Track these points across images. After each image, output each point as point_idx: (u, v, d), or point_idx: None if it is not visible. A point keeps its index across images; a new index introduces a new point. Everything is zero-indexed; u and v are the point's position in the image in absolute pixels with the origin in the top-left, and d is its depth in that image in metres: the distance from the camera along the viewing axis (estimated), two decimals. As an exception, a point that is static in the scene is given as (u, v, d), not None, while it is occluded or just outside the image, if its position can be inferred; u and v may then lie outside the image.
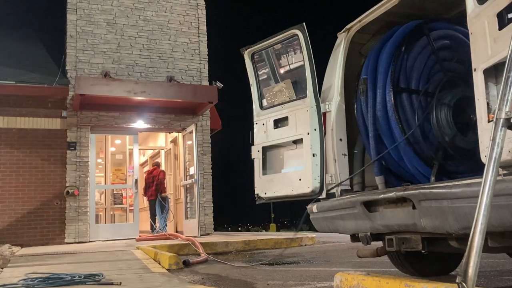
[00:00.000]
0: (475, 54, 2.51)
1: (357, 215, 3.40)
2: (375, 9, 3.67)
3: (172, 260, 5.58)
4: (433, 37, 3.63)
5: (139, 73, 10.87)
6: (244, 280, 4.48)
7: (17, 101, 9.87)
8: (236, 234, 13.41)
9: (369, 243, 3.50)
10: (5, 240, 9.15)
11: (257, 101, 4.57)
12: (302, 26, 3.98)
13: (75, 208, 9.88)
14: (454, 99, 3.41)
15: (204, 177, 10.92)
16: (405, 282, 3.02)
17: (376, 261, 5.17)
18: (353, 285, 3.53)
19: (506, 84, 1.90)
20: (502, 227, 2.34)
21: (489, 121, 2.34)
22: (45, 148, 9.94)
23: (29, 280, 4.02)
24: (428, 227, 2.83)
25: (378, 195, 3.25)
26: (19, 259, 6.59)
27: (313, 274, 4.53)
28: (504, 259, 5.06)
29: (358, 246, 3.85)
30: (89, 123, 10.30)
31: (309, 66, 3.87)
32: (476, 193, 1.92)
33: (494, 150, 1.89)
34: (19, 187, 9.67)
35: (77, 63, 10.41)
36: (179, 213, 11.83)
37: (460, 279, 1.82)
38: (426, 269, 4.02)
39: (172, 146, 12.72)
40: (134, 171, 11.21)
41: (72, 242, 9.66)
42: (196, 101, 10.55)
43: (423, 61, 3.60)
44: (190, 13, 11.63)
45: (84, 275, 4.17)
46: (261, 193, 4.31)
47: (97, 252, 7.16)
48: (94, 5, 10.74)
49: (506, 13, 2.28)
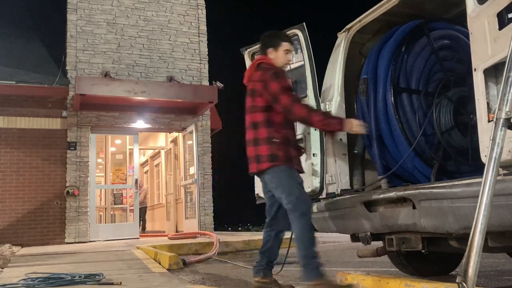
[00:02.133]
0: (475, 54, 2.51)
1: (357, 215, 3.41)
2: (375, 9, 3.67)
3: (173, 260, 5.58)
4: (433, 37, 3.63)
5: (139, 73, 10.87)
6: (245, 280, 4.48)
7: (17, 101, 9.87)
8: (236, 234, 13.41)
9: (369, 243, 3.50)
10: (5, 240, 9.14)
11: (257, 101, 4.56)
12: (302, 26, 3.98)
13: (75, 208, 9.88)
14: (455, 99, 3.41)
15: (204, 177, 10.92)
16: (405, 282, 3.02)
17: (376, 261, 5.17)
18: (353, 285, 3.54)
19: (506, 84, 1.90)
20: (502, 227, 2.34)
21: (489, 121, 2.35)
22: (45, 148, 9.93)
23: (29, 280, 4.02)
24: (428, 227, 2.83)
25: (378, 195, 3.25)
26: (19, 259, 6.59)
27: (313, 274, 4.51)
28: (504, 259, 5.06)
29: (358, 246, 3.86)
30: (89, 123, 10.30)
31: (309, 66, 3.87)
32: (476, 193, 1.93)
33: (494, 150, 1.89)
34: (19, 187, 9.67)
35: (77, 63, 10.41)
36: (179, 213, 11.84)
37: (460, 279, 1.82)
38: (426, 269, 4.02)
39: (172, 146, 12.73)
40: (134, 171, 11.21)
41: (72, 242, 9.66)
42: (196, 101, 10.55)
43: (423, 61, 3.60)
44: (190, 13, 11.63)
45: (84, 275, 4.17)
46: (261, 193, 4.31)
47: (97, 252, 7.16)
48: (94, 5, 10.74)
49: (506, 13, 2.29)
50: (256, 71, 3.52)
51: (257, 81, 3.45)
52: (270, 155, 3.36)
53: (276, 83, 3.36)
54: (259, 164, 3.42)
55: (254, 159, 3.45)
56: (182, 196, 11.56)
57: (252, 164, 3.48)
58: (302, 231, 3.24)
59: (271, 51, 3.57)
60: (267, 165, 3.37)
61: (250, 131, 3.49)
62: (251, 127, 3.48)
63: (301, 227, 3.24)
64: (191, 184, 10.91)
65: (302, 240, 3.23)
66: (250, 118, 3.49)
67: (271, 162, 3.35)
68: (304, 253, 3.21)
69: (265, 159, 3.38)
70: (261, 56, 3.65)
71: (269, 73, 3.40)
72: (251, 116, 3.49)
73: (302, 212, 3.25)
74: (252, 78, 3.52)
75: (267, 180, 3.47)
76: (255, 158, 3.44)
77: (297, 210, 3.25)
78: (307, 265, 3.19)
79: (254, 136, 3.45)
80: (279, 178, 3.36)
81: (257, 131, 3.43)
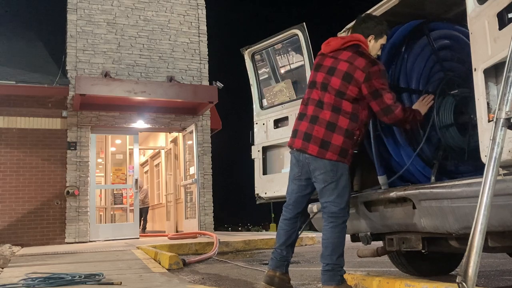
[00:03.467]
0: (475, 54, 2.51)
1: (357, 215, 3.41)
2: (375, 9, 3.66)
3: (173, 260, 5.58)
4: (433, 37, 3.63)
5: (139, 73, 10.87)
6: (245, 280, 4.48)
7: (17, 101, 9.87)
8: (236, 234, 13.42)
9: (369, 243, 3.50)
10: (5, 240, 9.15)
11: (257, 101, 4.57)
12: (302, 26, 3.98)
13: (75, 208, 9.88)
14: (455, 99, 3.41)
15: (204, 177, 10.92)
16: (405, 282, 3.02)
17: (376, 261, 5.17)
18: (353, 285, 3.54)
19: (506, 84, 1.90)
20: (502, 227, 2.34)
21: (489, 121, 2.34)
22: (45, 148, 9.93)
23: (29, 280, 4.02)
24: (428, 227, 2.83)
25: (378, 195, 3.25)
26: (19, 259, 6.59)
27: (313, 274, 4.52)
28: (504, 259, 5.06)
29: (358, 246, 3.85)
30: (89, 123, 10.30)
31: (309, 65, 3.87)
32: (476, 193, 1.93)
33: (494, 150, 1.89)
34: (19, 187, 9.67)
35: (77, 63, 10.41)
36: (179, 213, 11.84)
37: (460, 279, 1.82)
38: (426, 269, 4.02)
39: (172, 146, 12.73)
40: (134, 171, 11.21)
41: (73, 242, 9.66)
42: (196, 101, 10.55)
43: (423, 61, 3.60)
44: (190, 13, 11.63)
45: (85, 275, 4.17)
46: (261, 193, 4.31)
47: (97, 252, 7.16)
48: (94, 5, 10.74)
49: (506, 13, 2.28)
50: (357, 54, 3.18)
51: (360, 69, 3.11)
52: (343, 149, 3.12)
53: (383, 80, 3.11)
54: (323, 150, 3.11)
55: (317, 141, 3.13)
56: (182, 196, 11.56)
57: (313, 145, 3.14)
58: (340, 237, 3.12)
59: (371, 38, 3.29)
60: (335, 157, 3.11)
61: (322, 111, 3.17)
62: (327, 107, 3.16)
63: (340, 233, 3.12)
64: (191, 184, 10.91)
65: (337, 248, 3.09)
66: (329, 99, 3.17)
67: (341, 156, 3.12)
68: (335, 263, 3.08)
69: (335, 150, 3.10)
70: (361, 37, 3.29)
71: (376, 67, 3.12)
72: (329, 97, 3.17)
73: (345, 220, 3.15)
74: (351, 60, 3.16)
75: (318, 168, 3.15)
76: (320, 141, 3.12)
77: (341, 216, 3.12)
78: (332, 271, 3.08)
79: (330, 119, 3.13)
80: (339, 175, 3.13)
81: (336, 116, 3.12)
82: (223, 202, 27.63)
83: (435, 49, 3.58)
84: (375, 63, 3.15)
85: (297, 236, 3.39)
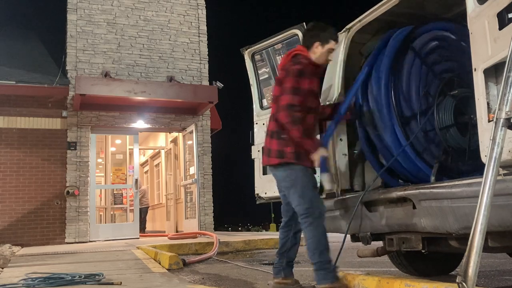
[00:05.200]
0: (475, 54, 2.51)
1: (357, 215, 3.41)
2: (375, 9, 3.66)
3: (173, 260, 5.58)
4: (419, 44, 3.56)
5: (139, 73, 10.87)
6: (245, 280, 4.48)
7: (17, 101, 9.87)
8: (236, 234, 13.42)
9: (369, 243, 3.51)
10: (5, 240, 9.15)
11: (257, 101, 4.57)
12: (302, 26, 3.98)
13: (75, 208, 9.88)
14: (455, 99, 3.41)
15: (204, 177, 10.92)
16: (405, 282, 3.02)
17: (376, 261, 5.17)
18: (353, 285, 3.53)
19: (506, 84, 1.90)
20: (502, 227, 2.34)
21: (489, 121, 2.34)
22: (45, 148, 9.94)
23: (29, 280, 4.02)
24: (428, 227, 2.83)
25: (379, 195, 3.25)
26: (19, 259, 6.59)
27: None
28: (504, 259, 5.06)
29: (358, 246, 3.86)
30: (89, 123, 10.30)
31: (309, 66, 3.86)
32: (476, 193, 1.93)
33: (494, 150, 1.89)
34: (19, 187, 9.67)
35: (77, 63, 10.41)
36: (179, 213, 11.84)
37: (460, 279, 1.82)
38: (426, 269, 4.02)
39: (172, 146, 12.73)
40: (134, 171, 11.22)
41: (73, 242, 9.66)
42: (196, 101, 10.55)
43: (418, 77, 3.52)
44: (190, 13, 11.63)
45: (85, 275, 4.17)
46: (261, 193, 4.31)
47: (97, 252, 7.16)
48: (94, 5, 10.74)
49: (506, 13, 2.28)
50: (289, 61, 3.34)
51: (284, 69, 3.30)
52: (279, 151, 3.23)
53: (293, 81, 3.19)
54: (267, 157, 3.33)
55: (265, 151, 3.35)
56: (182, 196, 11.56)
57: (264, 157, 3.40)
58: (317, 235, 3.17)
59: (317, 45, 3.36)
60: (276, 161, 3.26)
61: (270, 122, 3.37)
62: (272, 117, 3.35)
63: (315, 230, 3.17)
64: (191, 184, 10.91)
65: (318, 245, 3.14)
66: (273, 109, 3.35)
67: (279, 158, 3.23)
68: (319, 260, 3.14)
69: (274, 154, 3.26)
70: (301, 48, 3.42)
71: (296, 67, 3.23)
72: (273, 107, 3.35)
73: (316, 217, 3.17)
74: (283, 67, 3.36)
75: (276, 177, 3.34)
76: (267, 150, 3.33)
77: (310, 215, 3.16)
78: (322, 269, 3.13)
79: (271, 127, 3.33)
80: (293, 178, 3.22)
81: (274, 123, 3.30)
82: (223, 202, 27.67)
83: (423, 59, 3.51)
84: (299, 64, 3.25)
85: (293, 244, 3.51)
